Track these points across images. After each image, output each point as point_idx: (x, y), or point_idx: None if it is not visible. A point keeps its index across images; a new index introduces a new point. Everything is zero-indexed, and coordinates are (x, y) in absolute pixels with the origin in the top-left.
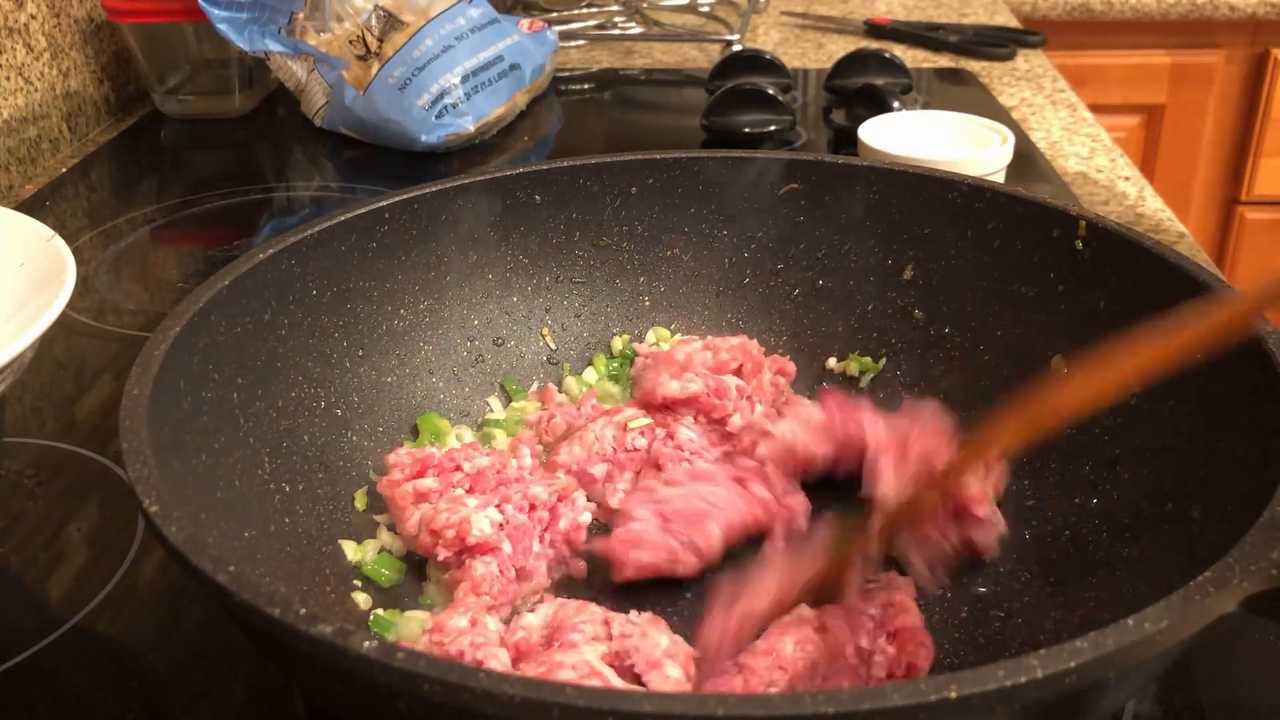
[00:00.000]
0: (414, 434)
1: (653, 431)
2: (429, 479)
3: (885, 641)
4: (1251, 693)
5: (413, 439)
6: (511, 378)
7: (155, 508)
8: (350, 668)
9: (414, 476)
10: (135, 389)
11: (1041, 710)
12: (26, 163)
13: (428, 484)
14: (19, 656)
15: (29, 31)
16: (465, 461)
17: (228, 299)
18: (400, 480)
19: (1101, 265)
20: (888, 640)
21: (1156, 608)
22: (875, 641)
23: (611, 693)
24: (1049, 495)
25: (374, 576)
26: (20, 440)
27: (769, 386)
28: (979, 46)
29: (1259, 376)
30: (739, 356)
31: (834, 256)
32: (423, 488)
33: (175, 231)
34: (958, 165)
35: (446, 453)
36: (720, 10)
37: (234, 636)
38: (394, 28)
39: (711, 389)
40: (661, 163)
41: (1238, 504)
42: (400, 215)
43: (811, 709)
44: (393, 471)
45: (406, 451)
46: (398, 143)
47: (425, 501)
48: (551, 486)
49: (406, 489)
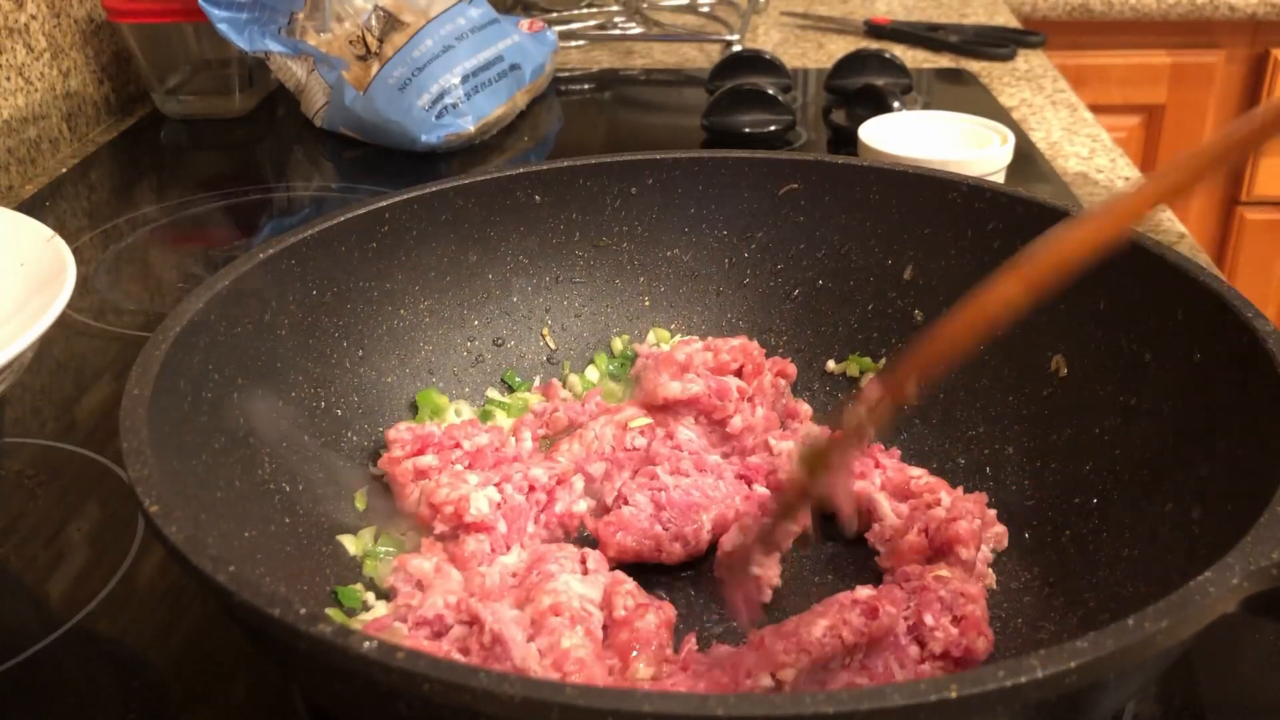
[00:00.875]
0: (414, 413)
1: (653, 431)
2: (429, 456)
3: (950, 622)
4: (1251, 693)
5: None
6: (513, 371)
7: (155, 508)
8: (350, 668)
9: (414, 454)
10: (135, 389)
11: (1041, 710)
12: (26, 163)
13: (427, 461)
14: (19, 656)
15: (29, 31)
16: (465, 439)
17: (228, 299)
18: (400, 457)
19: (1101, 265)
20: (952, 622)
21: (1156, 608)
22: (939, 620)
23: (612, 693)
24: (1049, 495)
25: (374, 574)
26: (20, 440)
27: (770, 388)
28: (979, 47)
29: (1259, 376)
30: (740, 358)
31: (834, 256)
32: (422, 464)
33: (175, 231)
34: (958, 165)
35: (446, 430)
36: (720, 10)
37: (234, 636)
38: (394, 28)
39: (712, 390)
40: (661, 163)
41: (1238, 504)
42: (400, 215)
43: (812, 709)
44: (393, 448)
45: (406, 428)
46: (398, 143)
47: (425, 478)
48: (552, 470)
49: (406, 466)
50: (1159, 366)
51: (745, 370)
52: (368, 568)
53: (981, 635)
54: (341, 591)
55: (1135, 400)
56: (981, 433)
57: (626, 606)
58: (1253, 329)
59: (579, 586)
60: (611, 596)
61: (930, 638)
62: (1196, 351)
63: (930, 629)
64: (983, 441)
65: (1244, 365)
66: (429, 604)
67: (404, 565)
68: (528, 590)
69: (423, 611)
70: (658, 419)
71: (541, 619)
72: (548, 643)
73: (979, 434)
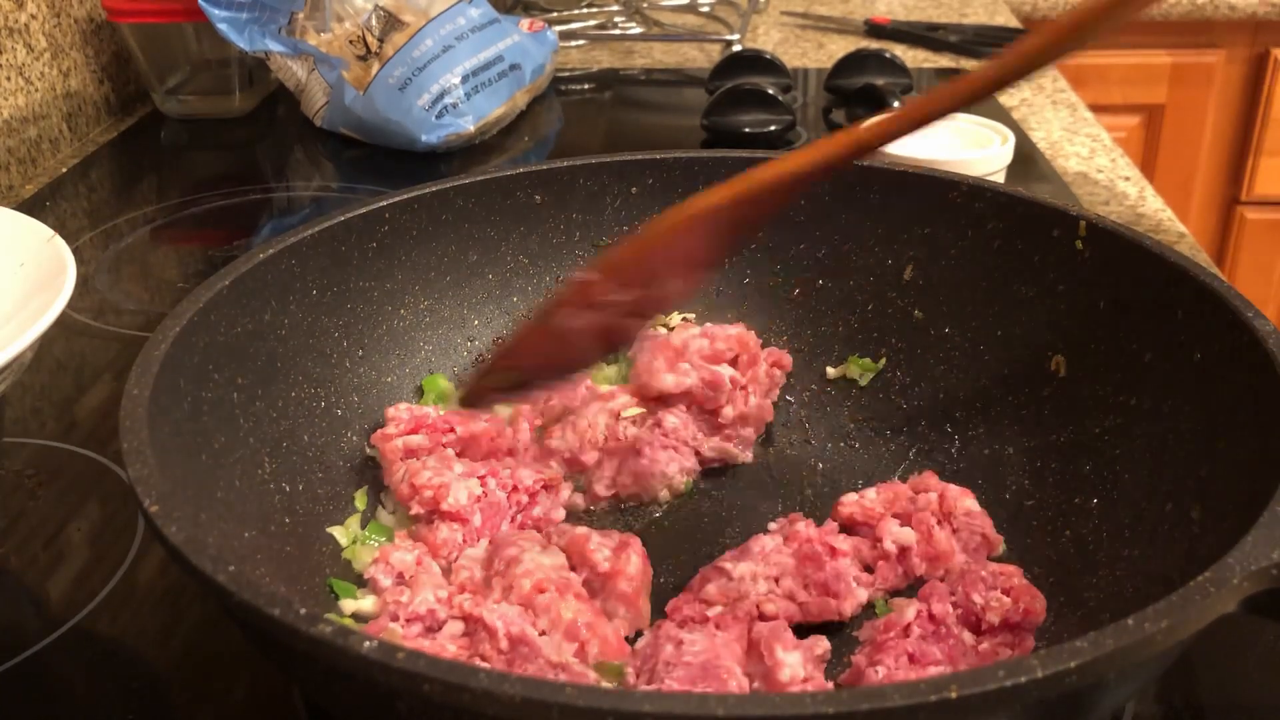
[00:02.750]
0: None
1: (644, 420)
2: (419, 436)
3: (1000, 593)
4: (1251, 693)
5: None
6: None
7: (155, 508)
8: (350, 668)
9: (407, 432)
10: (135, 389)
11: (1041, 710)
12: (26, 163)
13: (417, 441)
14: (19, 656)
15: (29, 31)
16: (459, 425)
17: (228, 299)
18: (393, 435)
19: (1101, 265)
20: (1003, 593)
21: (1156, 608)
22: (988, 595)
23: (612, 693)
24: (1049, 495)
25: (353, 558)
26: (20, 440)
27: (764, 378)
28: (979, 46)
29: (1259, 376)
30: (736, 347)
31: (834, 256)
32: (412, 444)
33: (175, 231)
34: (958, 165)
35: (444, 414)
36: (720, 10)
37: (234, 636)
38: (394, 28)
39: (706, 382)
40: (661, 163)
41: (1238, 504)
42: (400, 215)
43: (812, 709)
44: (389, 425)
45: (406, 407)
46: (398, 143)
47: (413, 457)
48: (540, 476)
49: (397, 444)
50: (1159, 366)
51: (740, 360)
52: (349, 553)
53: (1036, 598)
54: (336, 583)
55: (1135, 400)
56: (981, 433)
57: (605, 558)
58: (1253, 329)
59: (547, 559)
60: (584, 553)
61: (986, 611)
62: (1196, 351)
63: (982, 606)
64: (983, 441)
65: (1244, 365)
66: (419, 600)
67: (385, 557)
68: (503, 578)
69: (414, 607)
70: (649, 406)
71: (530, 600)
72: (548, 620)
73: (979, 434)
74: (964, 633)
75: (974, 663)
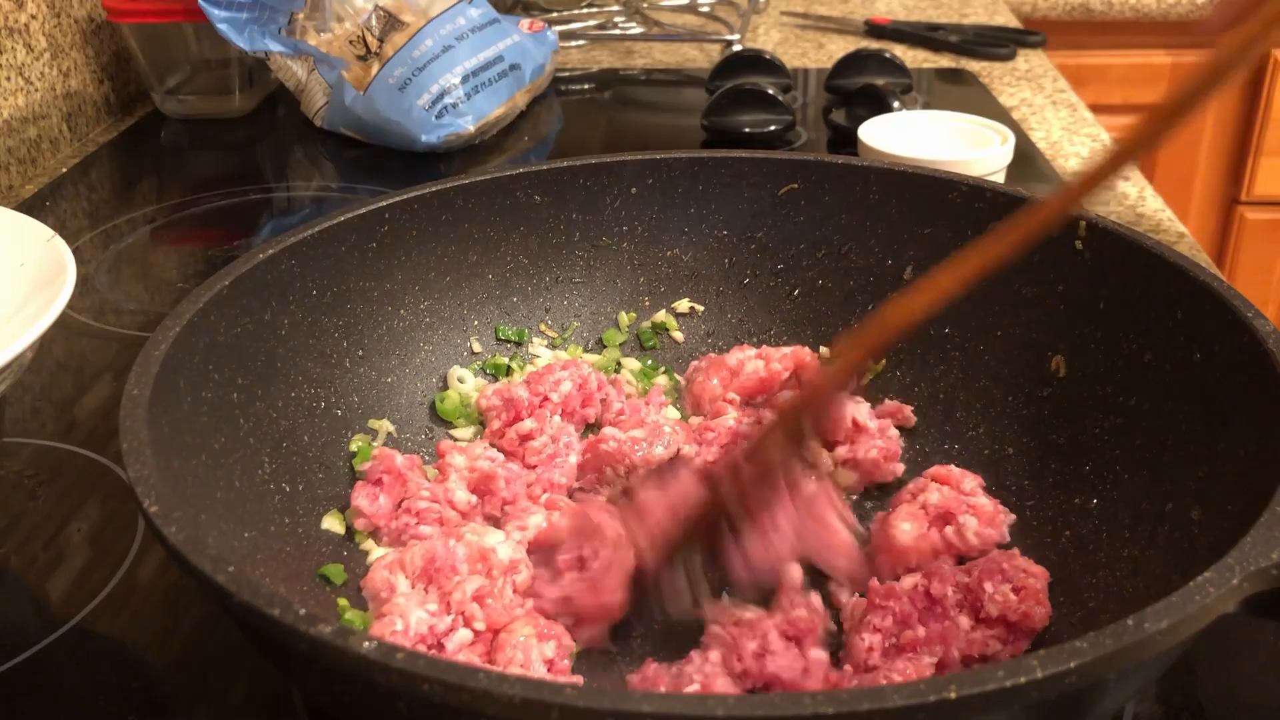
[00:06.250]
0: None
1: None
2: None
3: (1010, 589)
4: (1251, 693)
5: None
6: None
7: (155, 508)
8: (350, 668)
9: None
10: (135, 389)
11: (1041, 710)
12: (26, 163)
13: (520, 393)
14: (19, 656)
15: (29, 31)
16: (553, 391)
17: (228, 299)
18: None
19: (1101, 265)
20: (1012, 590)
21: (1156, 608)
22: (999, 587)
23: (612, 693)
24: (1049, 495)
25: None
26: (20, 440)
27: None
28: (979, 46)
29: (1259, 376)
30: (791, 365)
31: (834, 256)
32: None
33: (175, 231)
34: (958, 165)
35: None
36: (720, 10)
37: (234, 636)
38: (394, 28)
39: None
40: (661, 163)
41: (1238, 504)
42: (400, 215)
43: (811, 709)
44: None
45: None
46: (398, 143)
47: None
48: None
49: (496, 400)
50: (1159, 366)
51: (786, 379)
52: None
53: (1040, 605)
54: (327, 568)
55: (1135, 400)
56: (981, 433)
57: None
58: (1253, 329)
59: (518, 553)
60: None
61: (988, 602)
62: (1196, 351)
63: (989, 595)
64: (983, 441)
65: (1244, 365)
66: (414, 620)
67: (368, 584)
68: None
69: (416, 629)
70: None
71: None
72: (560, 592)
73: (979, 434)
74: (961, 616)
75: (962, 648)
